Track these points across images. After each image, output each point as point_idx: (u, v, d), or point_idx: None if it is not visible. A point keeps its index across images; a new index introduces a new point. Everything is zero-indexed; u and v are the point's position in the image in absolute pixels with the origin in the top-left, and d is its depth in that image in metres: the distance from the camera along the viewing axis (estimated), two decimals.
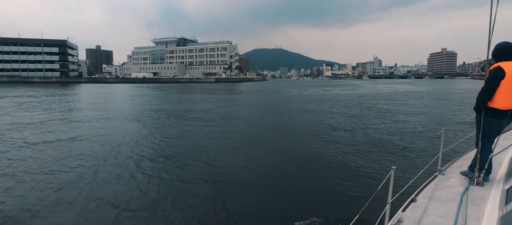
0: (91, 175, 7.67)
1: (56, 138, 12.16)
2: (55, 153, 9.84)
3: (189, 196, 6.34)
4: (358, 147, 10.37)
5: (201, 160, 9.00)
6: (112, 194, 6.40)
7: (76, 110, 22.76)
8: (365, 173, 7.54)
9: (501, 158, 4.07)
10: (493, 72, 3.26)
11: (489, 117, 3.41)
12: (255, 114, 21.50)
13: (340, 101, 30.53)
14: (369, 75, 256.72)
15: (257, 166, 8.52)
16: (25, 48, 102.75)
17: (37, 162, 8.79)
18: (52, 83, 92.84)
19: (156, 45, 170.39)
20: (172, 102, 29.87)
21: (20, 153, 9.85)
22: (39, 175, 7.66)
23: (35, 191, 6.59)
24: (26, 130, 13.98)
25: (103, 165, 8.53)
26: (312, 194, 6.39)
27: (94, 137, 12.37)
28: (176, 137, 12.70)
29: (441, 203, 2.93)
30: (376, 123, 15.63)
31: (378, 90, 54.06)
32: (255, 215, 5.51)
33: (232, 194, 6.42)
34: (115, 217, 5.39)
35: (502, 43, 3.36)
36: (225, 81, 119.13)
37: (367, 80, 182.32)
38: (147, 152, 10.03)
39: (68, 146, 10.89)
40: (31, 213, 5.55)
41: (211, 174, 7.77)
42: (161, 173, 7.86)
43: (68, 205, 5.90)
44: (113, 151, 10.05)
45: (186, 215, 5.48)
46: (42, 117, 18.39)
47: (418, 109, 22.80)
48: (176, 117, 19.01)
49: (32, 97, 35.08)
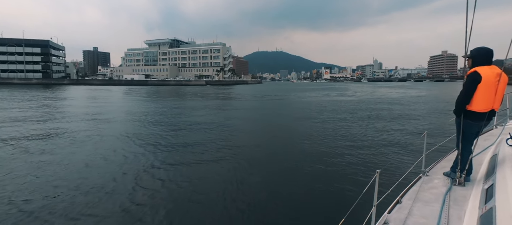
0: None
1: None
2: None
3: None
4: (342, 151, 10.28)
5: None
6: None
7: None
8: (351, 177, 7.55)
9: (481, 158, 4.19)
10: (470, 77, 3.37)
11: (467, 119, 3.52)
12: (228, 120, 18.92)
13: (315, 105, 26.33)
14: (368, 78, 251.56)
15: (236, 172, 8.13)
16: (6, 48, 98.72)
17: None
18: (33, 84, 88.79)
19: (149, 47, 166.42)
20: (123, 112, 25.08)
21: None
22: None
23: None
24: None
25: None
26: (297, 198, 6.42)
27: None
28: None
29: (425, 204, 3.04)
30: (359, 128, 15.24)
31: (368, 95, 50.15)
32: (237, 219, 5.46)
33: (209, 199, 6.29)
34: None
35: (480, 48, 3.47)
36: (216, 84, 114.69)
37: (366, 83, 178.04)
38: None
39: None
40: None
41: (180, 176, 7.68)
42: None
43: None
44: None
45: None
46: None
47: (403, 112, 22.33)
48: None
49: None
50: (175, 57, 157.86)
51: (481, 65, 3.39)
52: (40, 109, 23.99)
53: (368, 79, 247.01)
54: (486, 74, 3.28)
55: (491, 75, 3.29)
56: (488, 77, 3.28)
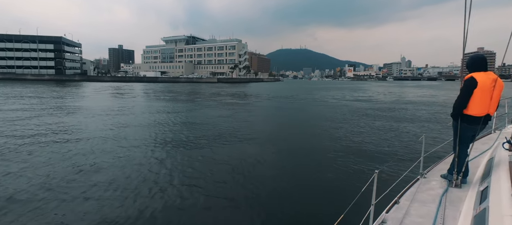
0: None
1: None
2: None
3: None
4: (343, 151, 10.24)
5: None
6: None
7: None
8: (350, 176, 7.67)
9: (478, 161, 4.25)
10: (467, 82, 3.49)
11: (464, 123, 3.62)
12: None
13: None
14: (394, 77, 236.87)
15: (234, 169, 8.21)
16: (20, 45, 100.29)
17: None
18: (45, 80, 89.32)
19: (166, 44, 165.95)
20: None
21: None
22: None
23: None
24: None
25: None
26: (297, 194, 6.52)
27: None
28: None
29: (422, 205, 3.11)
30: (361, 130, 14.60)
31: (382, 96, 43.50)
32: (237, 216, 5.56)
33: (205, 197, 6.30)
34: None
35: (474, 56, 3.64)
36: (229, 82, 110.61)
37: (391, 82, 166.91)
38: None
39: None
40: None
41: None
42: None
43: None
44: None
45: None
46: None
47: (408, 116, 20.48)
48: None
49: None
50: (191, 54, 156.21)
51: (477, 71, 3.52)
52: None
53: (394, 77, 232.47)
54: (482, 80, 3.40)
55: (487, 81, 3.40)
56: (484, 83, 3.39)
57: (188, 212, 5.63)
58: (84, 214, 5.43)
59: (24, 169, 7.92)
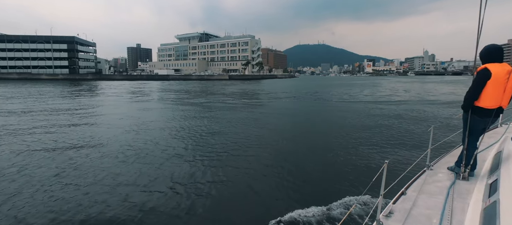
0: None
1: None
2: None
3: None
4: (352, 143, 10.44)
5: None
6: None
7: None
8: (360, 167, 7.78)
9: (486, 154, 4.20)
10: (480, 73, 3.37)
11: (475, 115, 3.53)
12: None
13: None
14: (416, 71, 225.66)
15: (247, 159, 8.56)
16: (36, 45, 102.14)
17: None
18: (59, 80, 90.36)
19: (180, 41, 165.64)
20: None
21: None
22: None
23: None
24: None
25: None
26: (310, 184, 6.72)
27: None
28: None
29: (429, 196, 3.11)
30: (369, 124, 14.55)
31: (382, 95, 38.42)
32: (243, 204, 5.78)
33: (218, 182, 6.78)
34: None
35: (489, 46, 3.46)
36: (240, 79, 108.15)
37: (412, 77, 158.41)
38: None
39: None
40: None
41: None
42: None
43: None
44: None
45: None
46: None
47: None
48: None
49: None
50: (204, 51, 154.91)
51: (491, 62, 3.38)
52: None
53: (416, 72, 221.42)
54: (496, 71, 3.28)
55: (501, 72, 3.28)
56: (498, 74, 3.27)
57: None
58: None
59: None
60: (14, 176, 7.26)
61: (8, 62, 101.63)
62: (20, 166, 8.09)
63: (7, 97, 30.26)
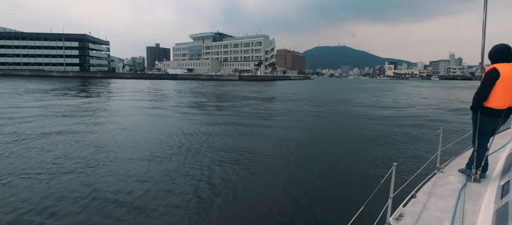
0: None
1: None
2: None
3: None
4: (361, 145, 10.13)
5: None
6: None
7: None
8: (368, 169, 7.62)
9: (497, 156, 4.14)
10: (489, 73, 3.33)
11: (484, 116, 3.48)
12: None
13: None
14: (441, 76, 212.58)
15: (258, 158, 8.40)
16: (48, 42, 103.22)
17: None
18: (69, 77, 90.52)
19: (194, 41, 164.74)
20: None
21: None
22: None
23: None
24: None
25: None
26: (318, 187, 6.46)
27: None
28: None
29: (440, 199, 3.04)
30: (379, 126, 14.25)
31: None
32: (247, 205, 5.56)
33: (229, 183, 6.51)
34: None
35: (498, 45, 3.43)
36: (251, 79, 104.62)
37: (436, 81, 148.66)
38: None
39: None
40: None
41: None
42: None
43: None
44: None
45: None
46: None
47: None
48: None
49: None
50: (218, 51, 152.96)
51: (500, 62, 3.33)
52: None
53: (440, 76, 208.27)
54: (505, 71, 3.24)
55: (510, 72, 3.24)
56: (507, 74, 3.23)
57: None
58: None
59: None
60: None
61: (22, 59, 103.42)
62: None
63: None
